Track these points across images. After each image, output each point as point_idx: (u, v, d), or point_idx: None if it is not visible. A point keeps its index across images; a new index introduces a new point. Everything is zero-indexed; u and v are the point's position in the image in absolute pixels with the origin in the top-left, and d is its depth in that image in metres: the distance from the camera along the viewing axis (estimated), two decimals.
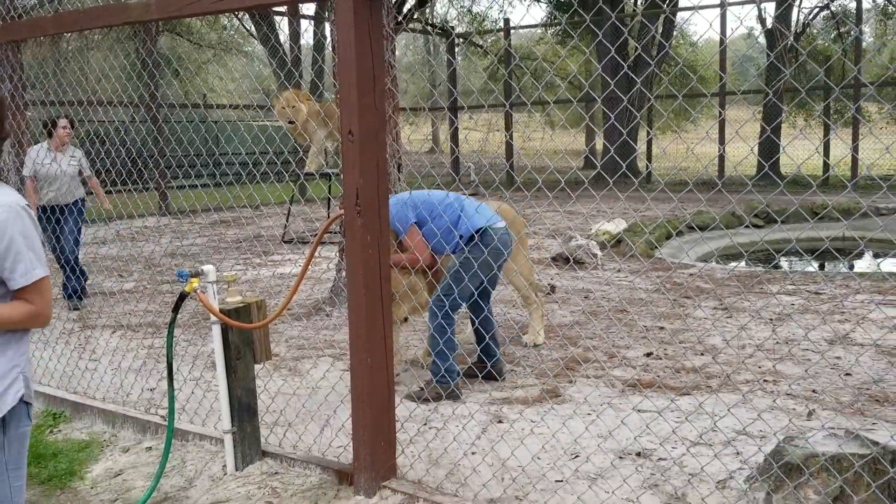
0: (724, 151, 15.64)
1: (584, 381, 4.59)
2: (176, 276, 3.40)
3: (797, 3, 18.90)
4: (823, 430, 3.12)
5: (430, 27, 19.97)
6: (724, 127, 16.54)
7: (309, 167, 9.40)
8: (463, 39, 22.64)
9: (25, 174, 6.88)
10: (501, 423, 3.94)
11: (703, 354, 5.01)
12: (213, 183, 14.85)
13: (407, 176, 6.65)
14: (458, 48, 22.61)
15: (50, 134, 6.95)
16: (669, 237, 9.84)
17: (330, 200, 10.53)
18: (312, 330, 5.93)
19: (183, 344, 5.62)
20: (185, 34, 22.73)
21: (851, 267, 9.89)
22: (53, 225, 7.01)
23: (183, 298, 3.41)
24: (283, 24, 18.65)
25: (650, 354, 5.06)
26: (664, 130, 25.42)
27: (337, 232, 7.59)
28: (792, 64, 16.94)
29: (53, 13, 4.70)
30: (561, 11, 21.23)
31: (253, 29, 20.98)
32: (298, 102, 8.87)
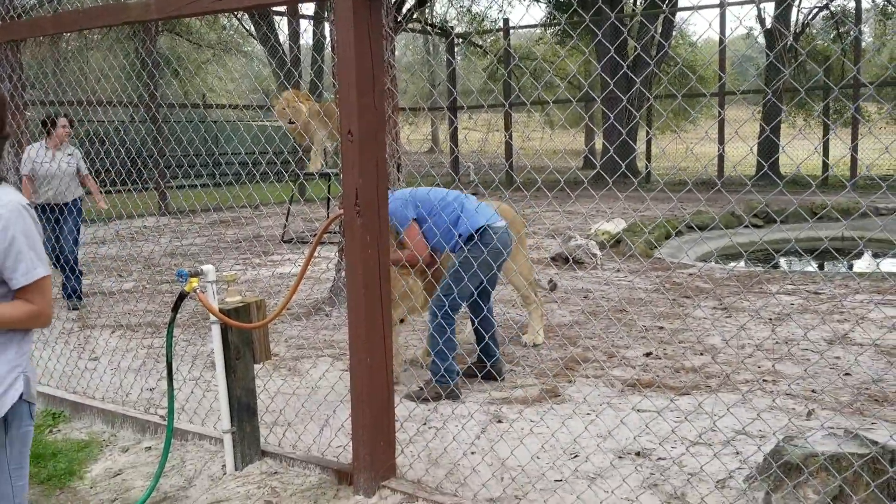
0: (723, 151, 15.64)
1: (583, 380, 4.59)
2: (175, 275, 3.40)
3: (796, 2, 18.91)
4: (823, 429, 3.12)
5: (429, 27, 19.98)
6: (723, 127, 16.54)
7: (312, 167, 9.41)
8: (462, 39, 22.64)
9: (23, 173, 6.88)
10: (501, 422, 3.94)
11: (702, 354, 5.01)
12: (212, 183, 14.85)
13: (406, 176, 6.66)
14: (457, 48, 22.61)
15: (49, 133, 6.95)
16: (669, 237, 9.84)
17: (329, 200, 10.53)
18: (312, 330, 5.93)
19: (182, 344, 5.62)
20: (184, 34, 22.73)
21: (851, 267, 9.89)
22: (53, 224, 7.00)
23: (182, 298, 3.41)
24: (282, 24, 18.67)
25: (649, 354, 5.06)
26: (663, 130, 25.44)
27: (336, 232, 7.59)
28: (791, 64, 16.95)
29: (53, 13, 4.70)
30: (560, 11, 21.23)
31: (252, 29, 20.98)
32: (298, 103, 8.88)
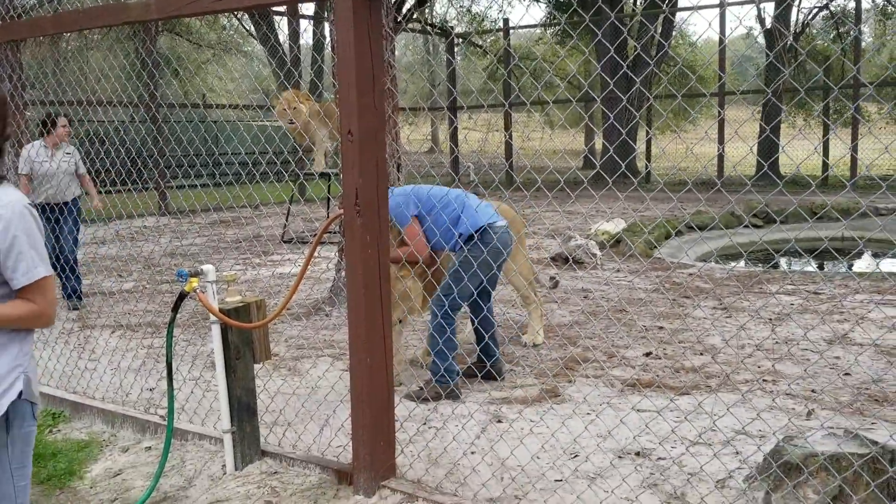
0: (723, 151, 15.64)
1: (583, 380, 4.59)
2: (175, 275, 3.40)
3: (796, 2, 18.91)
4: (822, 429, 3.12)
5: (429, 27, 19.99)
6: (723, 127, 16.54)
7: (316, 167, 9.42)
8: (462, 39, 22.65)
9: (21, 172, 6.87)
10: (501, 422, 3.94)
11: (702, 354, 5.01)
12: (212, 183, 14.86)
13: (406, 176, 6.66)
14: (457, 48, 22.61)
15: (48, 132, 6.95)
16: (669, 237, 9.84)
17: (329, 200, 10.53)
18: (312, 330, 5.94)
19: (182, 343, 5.62)
20: (184, 34, 22.74)
21: (850, 267, 9.90)
22: (52, 224, 7.00)
23: (182, 298, 3.41)
24: (282, 23, 18.67)
25: (649, 354, 5.06)
26: (663, 130, 25.44)
27: (336, 232, 7.60)
28: (791, 64, 16.95)
29: (53, 13, 4.70)
30: (560, 11, 21.23)
31: (252, 29, 20.99)
32: (298, 103, 8.88)
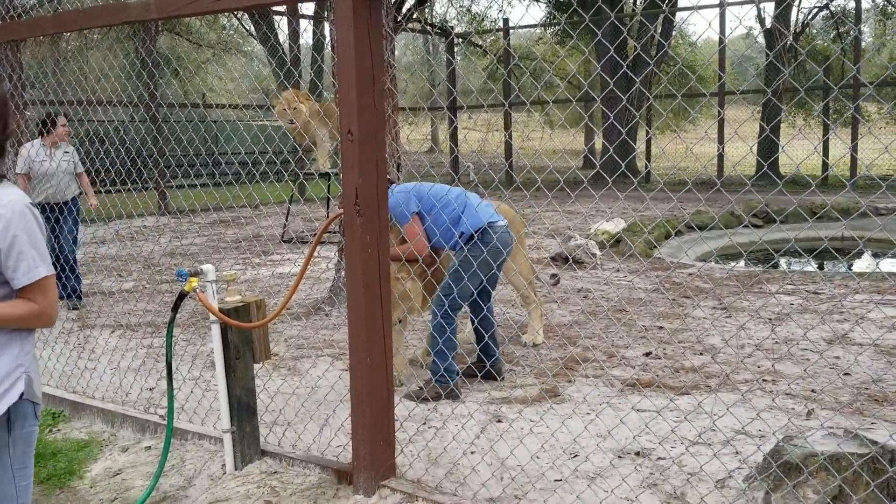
0: (723, 151, 15.64)
1: (583, 380, 4.59)
2: (175, 275, 3.40)
3: (796, 2, 18.91)
4: (822, 429, 3.12)
5: (429, 27, 19.99)
6: (723, 126, 16.54)
7: (320, 167, 9.43)
8: (462, 39, 22.64)
9: (19, 171, 6.87)
10: (500, 422, 3.94)
11: (702, 354, 5.01)
12: (212, 182, 14.86)
13: (406, 175, 6.66)
14: (457, 48, 22.61)
15: (48, 131, 6.94)
16: (668, 237, 9.84)
17: (329, 200, 10.53)
18: (311, 329, 5.93)
19: (182, 343, 5.62)
20: (184, 34, 22.73)
21: (850, 267, 9.90)
22: (52, 224, 7.00)
23: (182, 298, 3.41)
24: (282, 23, 18.67)
25: (649, 354, 5.06)
26: (663, 130, 25.44)
27: (336, 231, 7.60)
28: (791, 64, 16.95)
29: (53, 13, 4.70)
30: (560, 11, 21.23)
31: (252, 29, 20.98)
32: (298, 103, 8.88)
